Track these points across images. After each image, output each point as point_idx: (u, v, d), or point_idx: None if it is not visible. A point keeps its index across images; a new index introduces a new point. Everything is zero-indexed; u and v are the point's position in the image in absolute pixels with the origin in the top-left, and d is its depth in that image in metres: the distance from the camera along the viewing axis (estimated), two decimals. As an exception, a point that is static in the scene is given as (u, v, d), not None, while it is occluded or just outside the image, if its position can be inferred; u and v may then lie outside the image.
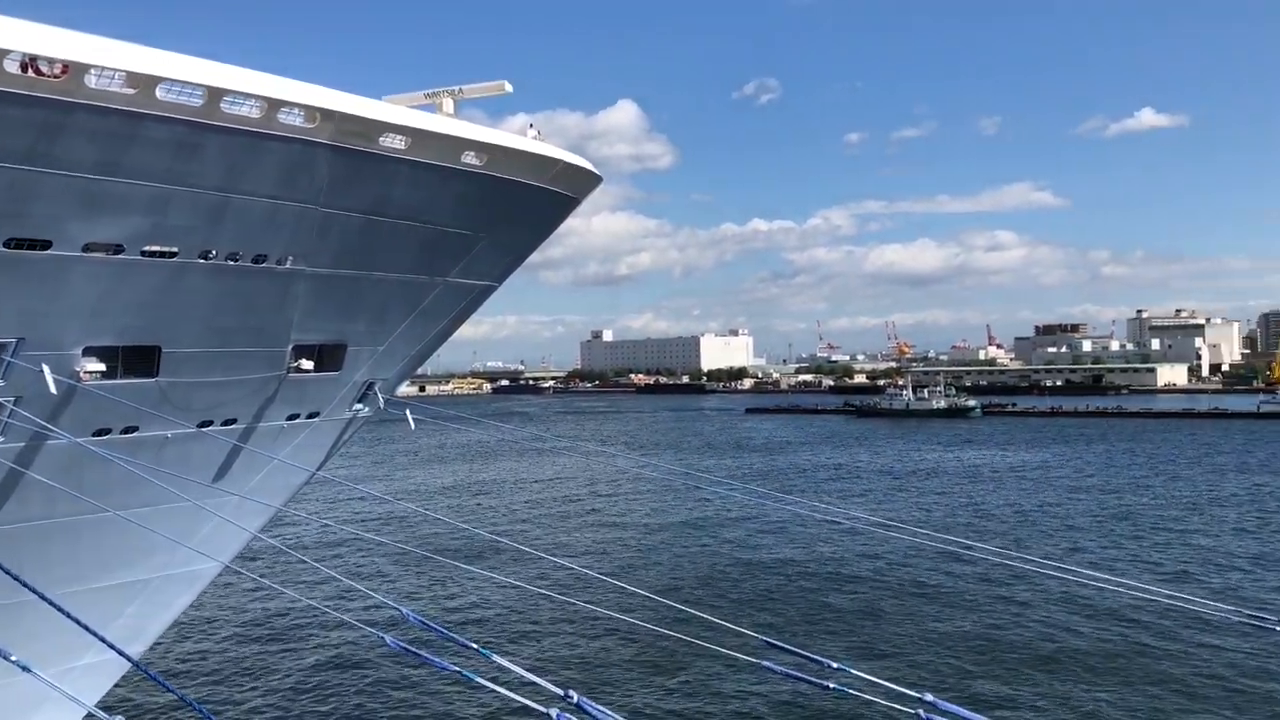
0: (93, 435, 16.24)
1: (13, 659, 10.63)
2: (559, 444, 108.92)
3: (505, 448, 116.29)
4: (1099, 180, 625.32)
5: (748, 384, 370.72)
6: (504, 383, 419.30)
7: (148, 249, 15.14)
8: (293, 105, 14.96)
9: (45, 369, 14.69)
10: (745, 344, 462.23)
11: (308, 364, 18.97)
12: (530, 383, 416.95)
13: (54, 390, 14.78)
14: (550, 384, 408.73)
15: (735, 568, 50.78)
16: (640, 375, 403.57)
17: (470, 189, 18.45)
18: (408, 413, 22.30)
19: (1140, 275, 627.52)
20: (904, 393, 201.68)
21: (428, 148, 17.17)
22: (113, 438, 16.59)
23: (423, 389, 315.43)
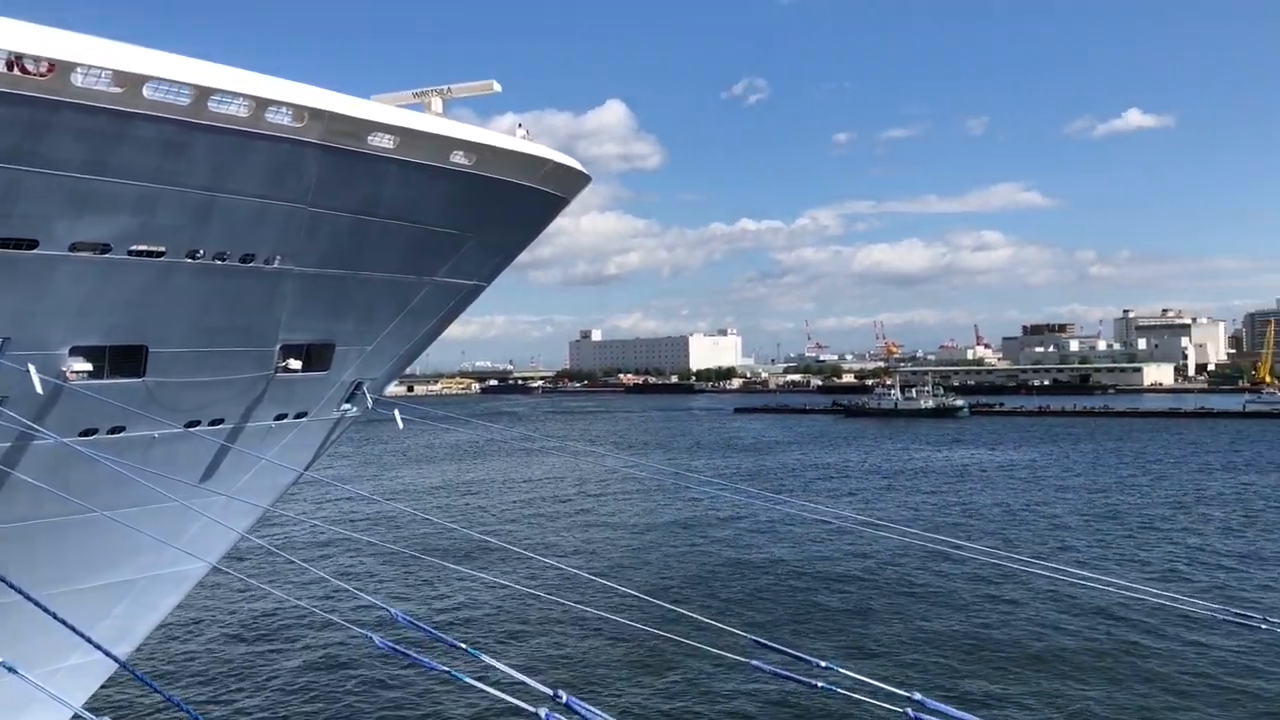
0: (79, 435, 16.16)
1: (-1, 660, 10.58)
2: (548, 444, 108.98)
3: (494, 448, 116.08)
4: (1086, 180, 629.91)
5: (736, 383, 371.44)
6: (493, 382, 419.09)
7: (135, 248, 15.08)
8: (281, 104, 14.92)
9: (31, 369, 14.60)
10: (734, 344, 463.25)
11: (295, 364, 18.91)
12: (519, 382, 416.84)
13: (40, 390, 14.70)
14: (539, 384, 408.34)
15: (724, 567, 50.80)
16: (629, 375, 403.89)
17: (459, 188, 18.42)
18: (396, 412, 22.29)
19: (1127, 275, 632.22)
20: (892, 392, 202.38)
21: (416, 147, 17.14)
22: (99, 438, 16.50)
23: (411, 389, 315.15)
